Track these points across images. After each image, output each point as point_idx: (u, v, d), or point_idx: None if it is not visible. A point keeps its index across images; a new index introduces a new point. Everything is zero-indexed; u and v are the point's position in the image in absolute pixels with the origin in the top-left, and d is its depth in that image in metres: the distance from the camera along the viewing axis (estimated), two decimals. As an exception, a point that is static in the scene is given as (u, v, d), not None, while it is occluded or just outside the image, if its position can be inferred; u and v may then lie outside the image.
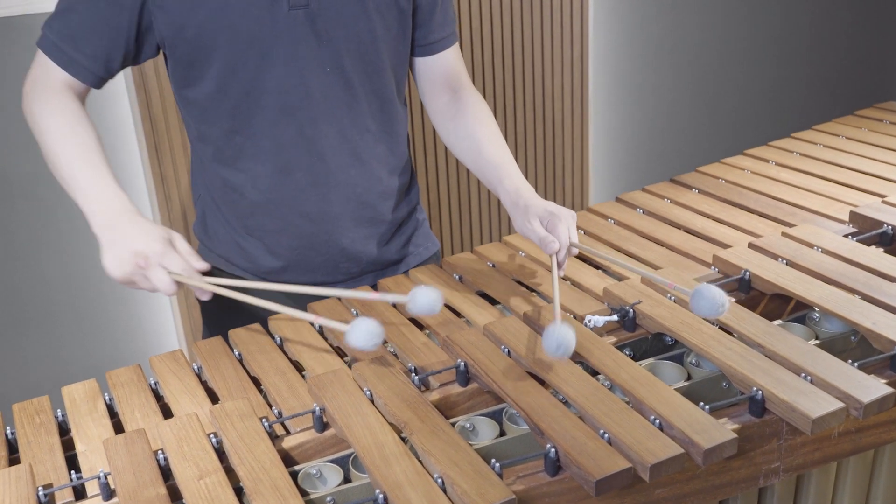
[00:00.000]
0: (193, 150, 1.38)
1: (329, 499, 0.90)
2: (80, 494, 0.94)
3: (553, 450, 0.88)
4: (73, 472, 0.96)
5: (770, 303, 1.25)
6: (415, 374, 1.07)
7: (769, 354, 1.03)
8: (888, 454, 1.12)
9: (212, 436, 0.96)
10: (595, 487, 0.84)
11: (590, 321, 1.15)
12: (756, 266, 1.25)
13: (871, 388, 0.95)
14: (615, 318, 1.16)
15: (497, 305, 1.28)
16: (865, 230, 1.39)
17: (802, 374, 0.98)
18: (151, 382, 1.15)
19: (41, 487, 0.92)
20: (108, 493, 0.91)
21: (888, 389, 0.95)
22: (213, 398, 1.12)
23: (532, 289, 1.30)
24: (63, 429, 1.08)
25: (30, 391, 1.17)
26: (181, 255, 1.12)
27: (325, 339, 1.20)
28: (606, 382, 1.03)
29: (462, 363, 1.06)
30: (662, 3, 2.91)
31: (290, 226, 1.34)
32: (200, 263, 1.13)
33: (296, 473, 0.94)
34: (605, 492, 0.84)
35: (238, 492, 0.90)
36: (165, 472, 0.93)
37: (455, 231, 2.66)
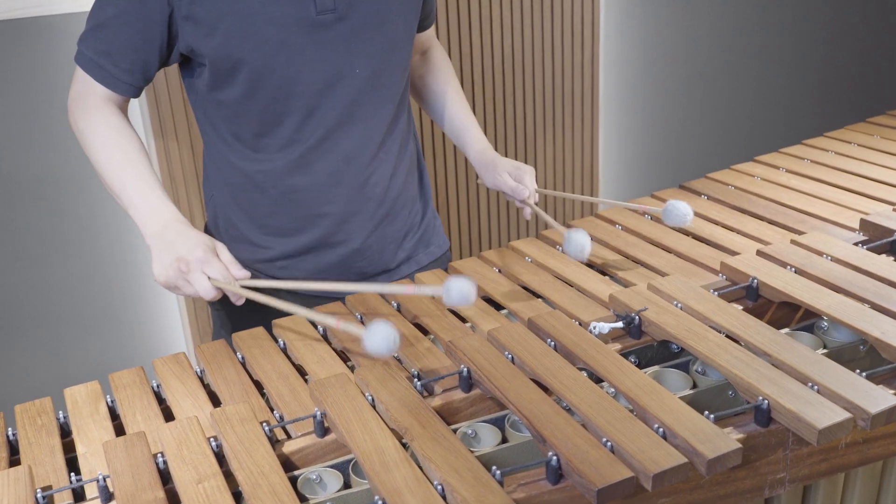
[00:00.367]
0: (208, 151, 1.38)
1: (328, 504, 0.89)
2: (80, 497, 0.94)
3: (555, 458, 0.87)
4: (73, 475, 0.95)
5: (778, 311, 1.23)
6: (417, 380, 1.06)
7: (776, 363, 1.02)
8: (897, 466, 1.10)
9: (212, 439, 0.96)
10: (597, 496, 0.83)
11: (595, 328, 1.14)
12: (764, 273, 1.24)
13: (880, 399, 0.93)
14: (620, 325, 1.15)
15: (502, 311, 1.27)
16: (876, 238, 1.38)
17: (809, 384, 0.97)
18: (154, 385, 1.14)
19: (40, 489, 0.92)
20: (107, 496, 0.91)
21: (897, 400, 0.93)
22: (216, 401, 1.11)
23: (538, 294, 1.30)
24: (64, 431, 1.08)
25: (35, 393, 1.17)
26: (222, 263, 1.17)
27: (329, 343, 1.20)
28: (611, 390, 1.02)
29: (465, 369, 1.05)
30: (673, 9, 2.90)
31: (309, 225, 1.35)
32: (241, 272, 1.17)
33: (296, 478, 0.93)
34: (607, 501, 0.83)
35: (237, 496, 0.89)
36: (164, 476, 0.92)
37: (464, 235, 2.65)
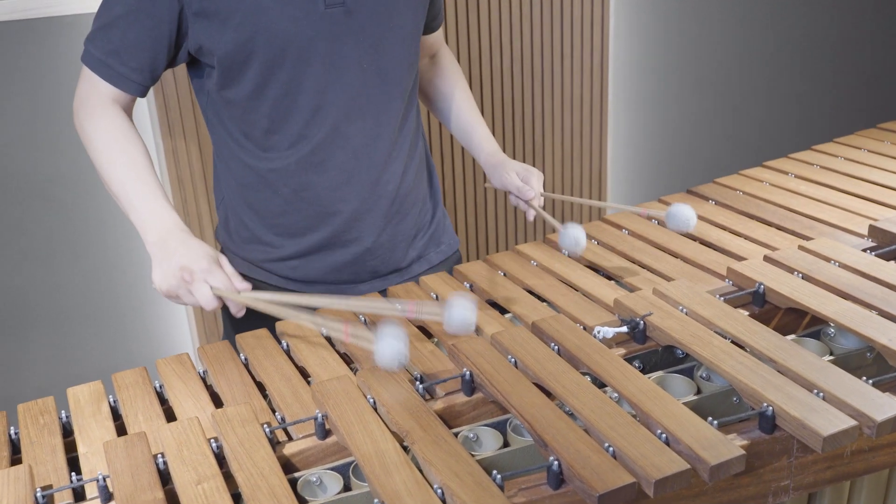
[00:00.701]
0: (219, 153, 1.38)
1: (328, 507, 0.89)
2: (80, 496, 0.94)
3: (556, 462, 0.87)
4: (74, 474, 0.95)
5: (784, 317, 1.22)
6: (420, 383, 1.06)
7: (781, 370, 1.01)
8: (904, 474, 1.09)
9: (212, 441, 0.96)
10: (598, 502, 0.82)
11: (599, 332, 1.13)
12: (771, 279, 1.23)
13: (886, 407, 0.92)
14: (625, 330, 1.14)
15: (507, 315, 1.27)
16: (885, 244, 1.36)
17: (815, 391, 0.96)
18: (156, 385, 1.14)
19: (40, 489, 0.91)
20: (107, 496, 0.91)
21: (903, 408, 0.92)
22: (218, 402, 1.11)
23: (542, 298, 1.29)
24: (67, 430, 1.08)
25: (42, 392, 1.17)
26: (225, 274, 1.16)
27: (332, 346, 1.19)
28: (614, 395, 1.01)
29: (468, 372, 1.05)
30: (683, 14, 2.89)
31: (321, 224, 1.35)
32: (242, 284, 1.17)
33: (296, 480, 0.93)
34: (608, 507, 0.83)
35: (236, 498, 0.89)
36: (164, 476, 0.92)
37: (471, 237, 2.65)
